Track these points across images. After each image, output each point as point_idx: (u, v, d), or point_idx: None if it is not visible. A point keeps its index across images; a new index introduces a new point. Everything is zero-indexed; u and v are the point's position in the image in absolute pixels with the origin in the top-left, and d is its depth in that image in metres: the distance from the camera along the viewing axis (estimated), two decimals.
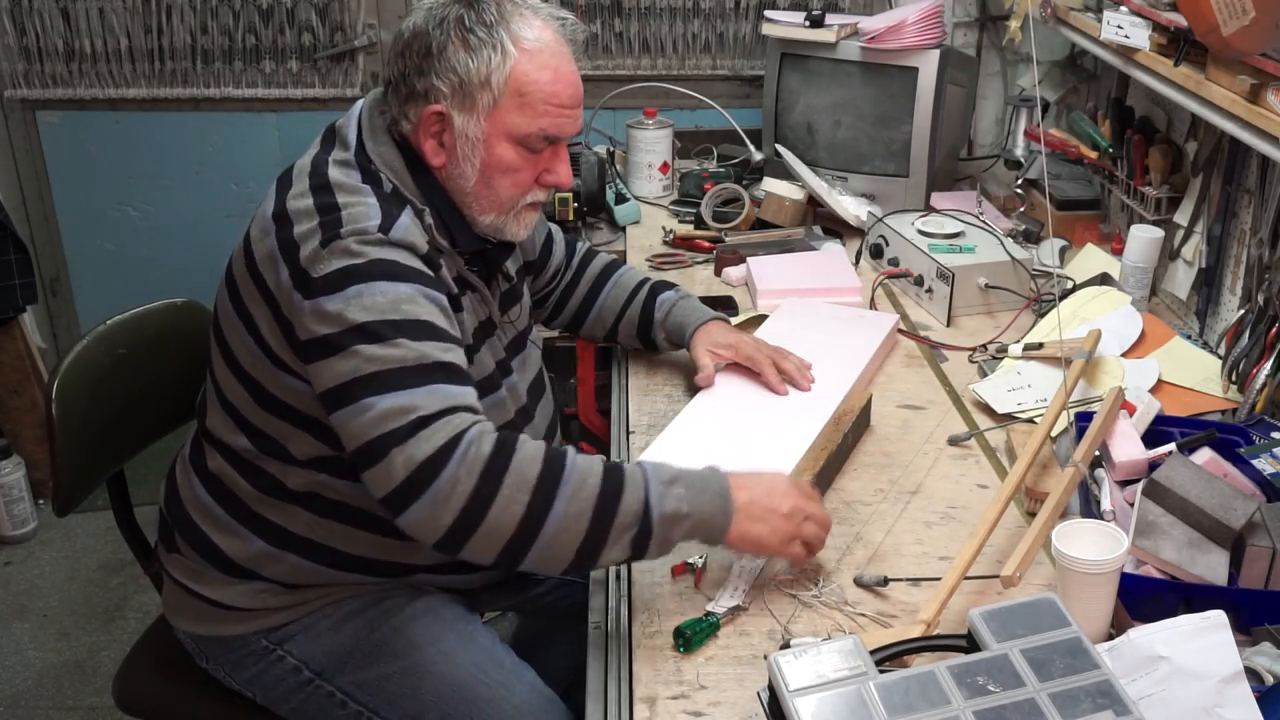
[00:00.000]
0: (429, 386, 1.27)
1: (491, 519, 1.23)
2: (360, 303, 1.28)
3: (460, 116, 1.39)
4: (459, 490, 1.22)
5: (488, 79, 1.37)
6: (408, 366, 1.27)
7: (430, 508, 1.22)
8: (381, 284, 1.30)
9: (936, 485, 1.59)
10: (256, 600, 1.50)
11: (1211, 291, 1.98)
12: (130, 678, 1.70)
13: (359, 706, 1.50)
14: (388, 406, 1.24)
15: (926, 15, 2.39)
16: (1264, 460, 1.44)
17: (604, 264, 1.88)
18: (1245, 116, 1.56)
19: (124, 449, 1.79)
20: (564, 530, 1.24)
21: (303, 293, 1.31)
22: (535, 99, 1.39)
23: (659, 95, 2.81)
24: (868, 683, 1.03)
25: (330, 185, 1.37)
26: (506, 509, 1.23)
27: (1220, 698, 1.07)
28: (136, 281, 3.30)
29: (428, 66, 1.38)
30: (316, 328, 1.30)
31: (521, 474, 1.24)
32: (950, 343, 1.99)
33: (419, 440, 1.23)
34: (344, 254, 1.31)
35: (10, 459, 2.94)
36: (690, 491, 1.29)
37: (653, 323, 1.82)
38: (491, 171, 1.42)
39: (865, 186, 2.51)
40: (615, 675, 1.26)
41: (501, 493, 1.23)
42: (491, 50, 1.37)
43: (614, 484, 1.26)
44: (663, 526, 1.27)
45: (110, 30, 3.09)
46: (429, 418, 1.24)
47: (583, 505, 1.25)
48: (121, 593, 2.80)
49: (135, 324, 1.80)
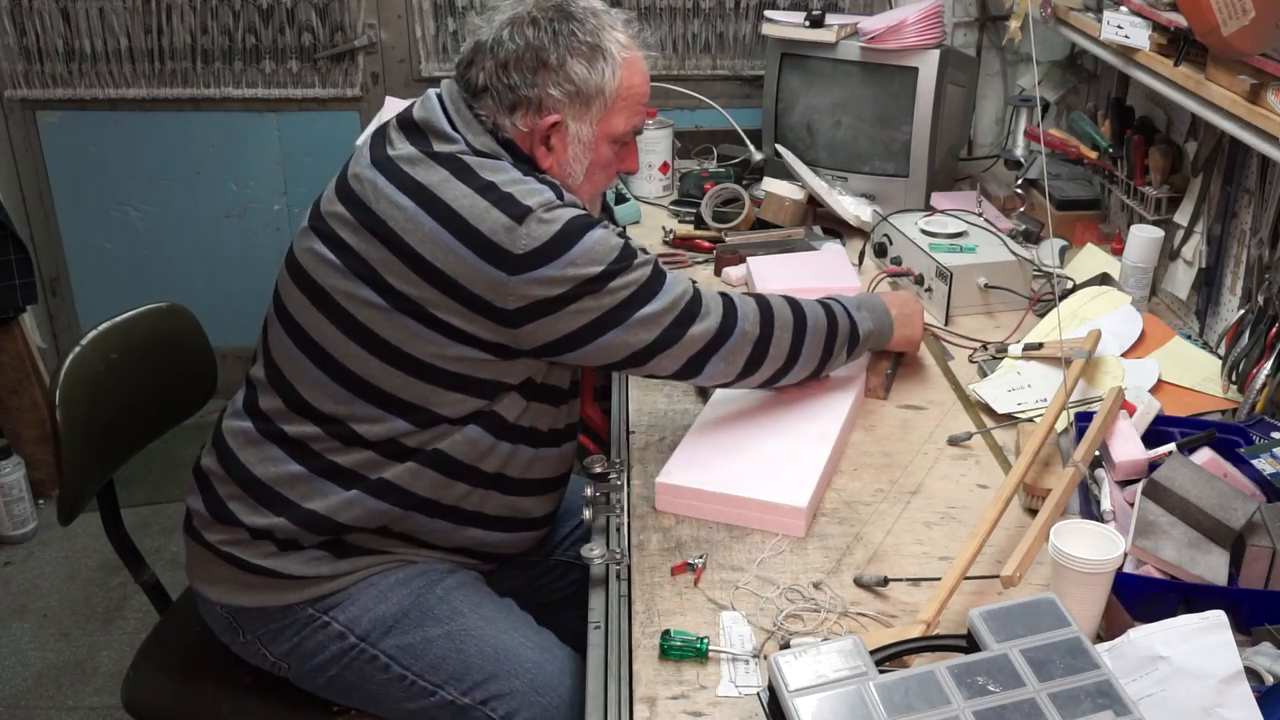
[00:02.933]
0: (669, 279, 1.50)
1: (770, 358, 1.58)
2: (587, 257, 1.42)
3: (574, 123, 1.51)
4: (745, 341, 1.55)
5: (601, 88, 1.50)
6: (650, 276, 1.48)
7: (725, 360, 1.54)
8: (588, 236, 1.44)
9: (936, 485, 1.59)
10: (309, 568, 1.53)
11: (1211, 291, 1.98)
12: (140, 680, 1.70)
13: (403, 670, 1.53)
14: (660, 306, 1.47)
15: (926, 15, 2.39)
16: (1264, 460, 1.44)
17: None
18: (1245, 116, 1.56)
19: (121, 454, 1.79)
20: (811, 356, 1.63)
21: (506, 269, 1.40)
22: (632, 100, 1.54)
23: (659, 95, 2.80)
24: (868, 683, 1.03)
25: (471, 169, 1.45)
26: (779, 348, 1.58)
27: (1220, 698, 1.07)
28: (136, 281, 3.30)
29: (544, 78, 1.48)
30: (542, 292, 1.41)
31: (783, 318, 1.59)
32: (949, 338, 1.99)
33: (701, 316, 1.51)
34: (542, 224, 1.41)
35: (10, 459, 2.94)
36: (870, 314, 1.72)
37: None
38: (595, 169, 1.56)
39: (865, 186, 2.51)
40: (615, 675, 1.26)
41: (775, 337, 1.57)
42: (604, 62, 1.50)
43: (833, 317, 1.65)
44: (863, 343, 1.70)
45: (110, 30, 3.09)
46: (692, 297, 1.51)
47: (819, 335, 1.63)
48: (121, 593, 2.80)
49: (125, 328, 1.79)
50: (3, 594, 2.81)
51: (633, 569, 1.41)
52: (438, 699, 1.53)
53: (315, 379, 1.51)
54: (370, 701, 1.59)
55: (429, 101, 1.53)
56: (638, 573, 1.40)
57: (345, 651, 1.54)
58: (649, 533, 1.48)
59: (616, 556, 1.42)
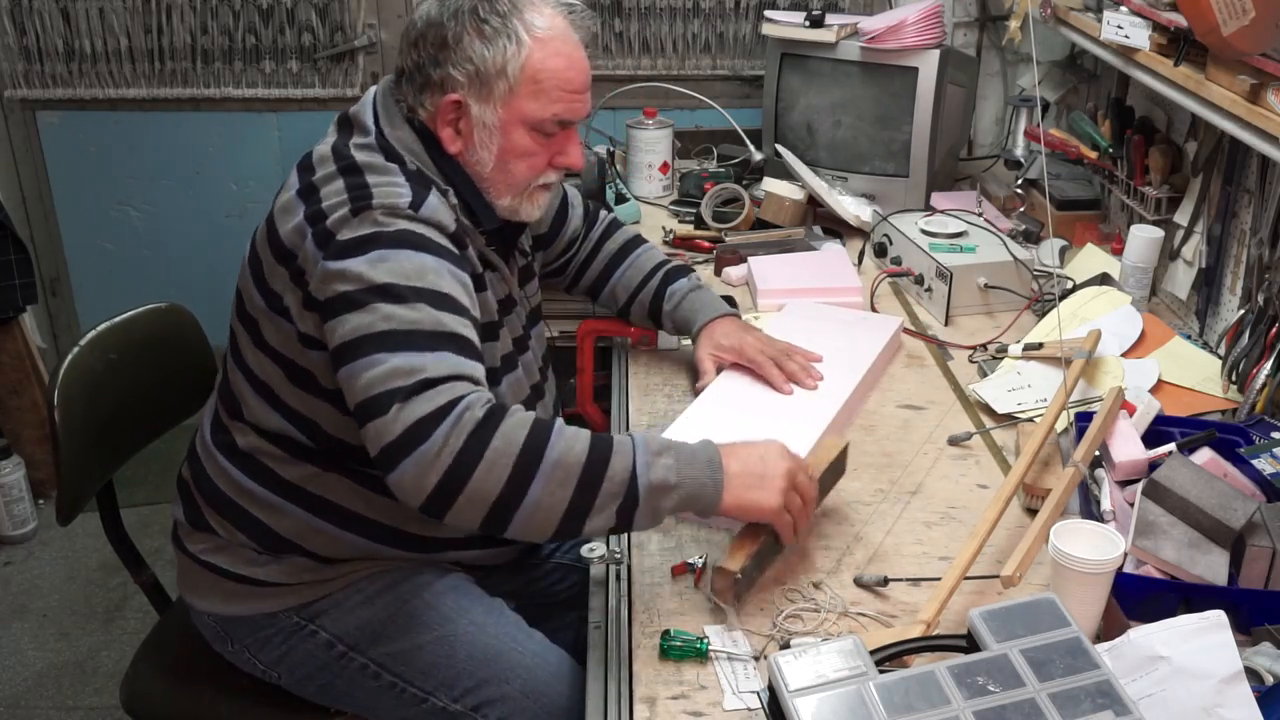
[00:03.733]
0: (439, 353, 1.29)
1: (476, 481, 1.23)
2: (385, 265, 1.32)
3: (477, 105, 1.43)
4: (446, 451, 1.22)
5: (503, 68, 1.41)
6: (423, 330, 1.30)
7: (418, 466, 1.23)
8: (407, 252, 1.34)
9: (936, 485, 1.59)
10: (291, 575, 1.52)
11: (1211, 291, 1.98)
12: (138, 682, 1.70)
13: (392, 677, 1.52)
14: (397, 364, 1.27)
15: (926, 15, 2.39)
16: (1264, 460, 1.44)
17: (624, 240, 1.89)
18: (1245, 116, 1.56)
19: (120, 454, 1.79)
20: (548, 496, 1.24)
21: (324, 252, 1.34)
22: (549, 86, 1.43)
23: (659, 95, 2.81)
24: (868, 683, 1.02)
25: (358, 166, 1.41)
26: (490, 473, 1.23)
27: (1220, 698, 1.07)
28: (136, 281, 3.30)
29: (444, 57, 1.42)
30: (338, 286, 1.33)
31: (508, 439, 1.24)
32: (949, 342, 1.99)
33: (420, 400, 1.24)
34: (372, 222, 1.35)
35: (10, 459, 2.94)
36: (679, 462, 1.29)
37: (661, 312, 1.84)
38: (508, 156, 1.46)
39: (865, 186, 2.51)
40: (615, 675, 1.26)
41: (486, 457, 1.23)
42: (507, 40, 1.40)
43: (601, 453, 1.26)
44: (650, 496, 1.27)
45: (110, 30, 3.08)
46: (434, 380, 1.26)
47: (568, 472, 1.24)
48: (121, 593, 2.80)
49: (124, 328, 1.79)
50: (3, 594, 2.81)
51: (633, 569, 1.41)
52: (429, 706, 1.52)
53: (243, 389, 1.52)
54: (363, 708, 1.58)
55: (366, 94, 1.51)
56: (638, 573, 1.40)
57: (334, 660, 1.53)
58: (649, 533, 1.48)
59: (616, 556, 1.42)
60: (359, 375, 1.28)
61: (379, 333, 1.29)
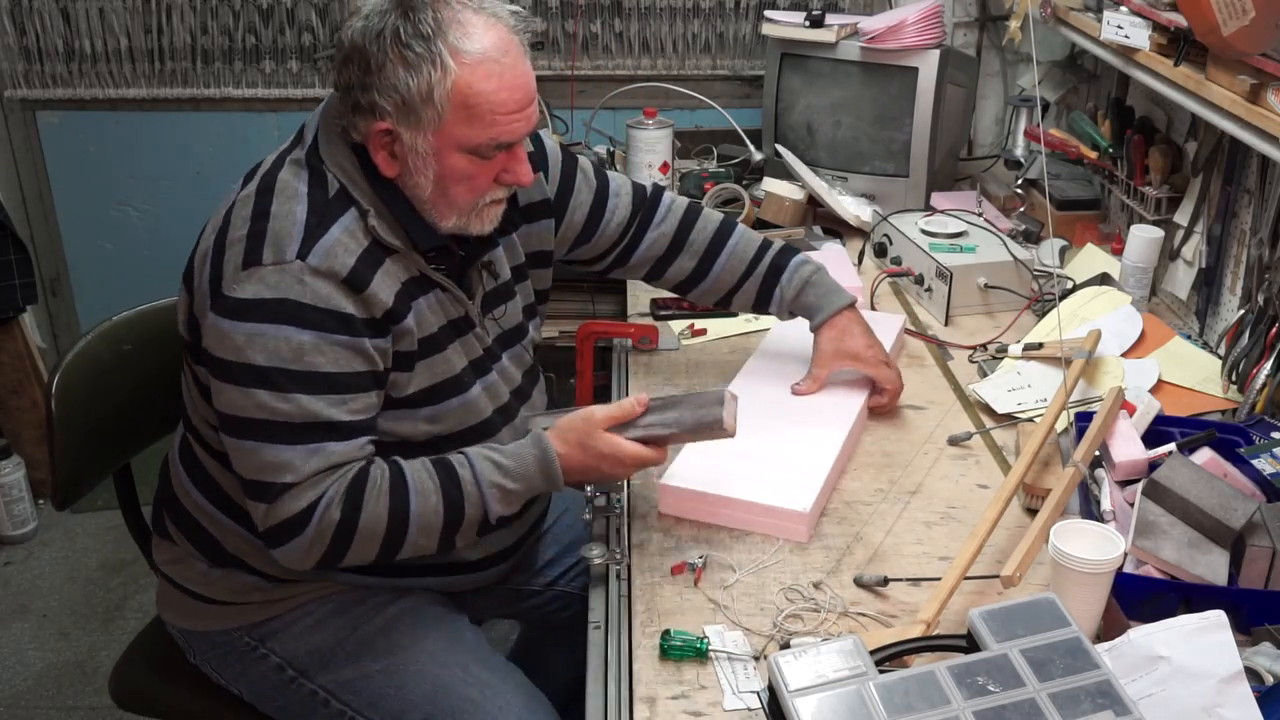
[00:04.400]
0: (309, 446, 1.33)
1: (351, 558, 1.38)
2: (263, 343, 1.31)
3: (408, 133, 1.35)
4: (316, 545, 1.35)
5: (430, 95, 1.32)
6: (294, 424, 1.32)
7: (293, 555, 1.36)
8: (288, 329, 1.31)
9: (936, 485, 1.59)
10: (239, 594, 1.51)
11: (1211, 291, 1.97)
12: (126, 673, 1.71)
13: (342, 705, 1.50)
14: (266, 459, 1.33)
15: (926, 15, 2.39)
16: (1264, 460, 1.44)
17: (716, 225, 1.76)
18: (1245, 116, 1.56)
19: (127, 445, 1.79)
20: (418, 548, 1.40)
21: (212, 303, 1.34)
22: (482, 110, 1.33)
23: (659, 95, 2.81)
24: (868, 683, 1.02)
25: (274, 186, 1.38)
26: (362, 550, 1.37)
27: (1220, 698, 1.07)
28: (136, 281, 3.29)
29: (369, 83, 1.33)
30: (218, 348, 1.33)
31: (370, 528, 1.36)
32: (949, 342, 1.99)
33: (282, 502, 1.33)
34: (259, 282, 1.31)
35: (10, 459, 2.94)
36: (519, 483, 1.41)
37: (773, 300, 1.75)
38: (446, 181, 1.38)
39: (865, 186, 2.51)
40: (615, 675, 1.26)
41: (354, 544, 1.36)
42: (431, 66, 1.31)
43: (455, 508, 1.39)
44: (502, 510, 1.41)
45: (110, 30, 3.08)
46: (297, 482, 1.33)
47: (430, 536, 1.39)
48: (121, 593, 2.80)
49: (140, 321, 1.80)
50: (3, 594, 2.81)
51: (633, 569, 1.41)
52: None
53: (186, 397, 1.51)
54: None
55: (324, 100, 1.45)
56: (638, 573, 1.40)
57: (286, 684, 1.52)
58: (649, 533, 1.48)
59: (616, 556, 1.42)
60: (236, 453, 1.35)
61: (251, 419, 1.32)
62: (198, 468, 1.51)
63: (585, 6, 3.09)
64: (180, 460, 1.54)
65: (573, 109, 2.98)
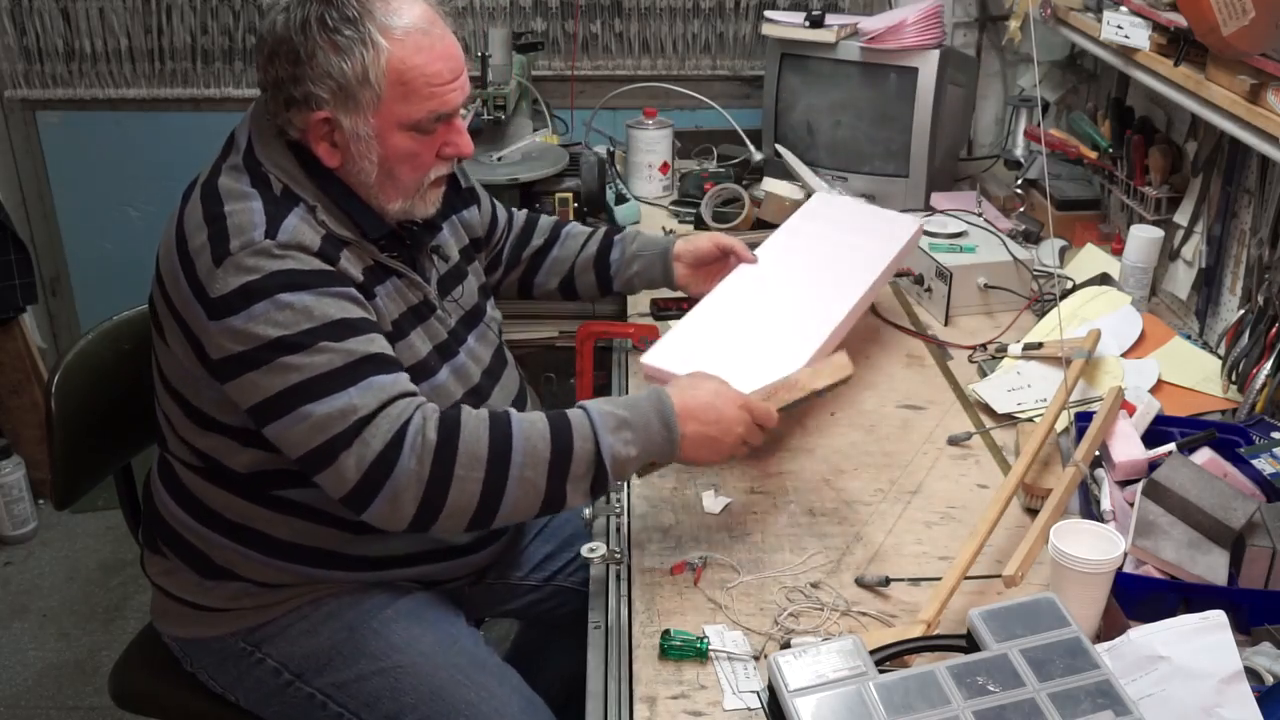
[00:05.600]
0: (363, 383, 1.28)
1: (451, 501, 1.27)
2: (269, 318, 1.27)
3: (347, 118, 1.34)
4: (414, 481, 1.26)
5: (365, 76, 1.32)
6: (336, 368, 1.27)
7: (390, 502, 1.26)
8: (285, 296, 1.28)
9: (936, 485, 1.59)
10: (233, 601, 1.50)
11: (1211, 291, 1.98)
12: (125, 675, 1.71)
13: (339, 708, 1.50)
14: (326, 412, 1.26)
15: (926, 15, 2.39)
16: (1264, 460, 1.44)
17: (552, 222, 1.88)
18: (1245, 116, 1.56)
19: (127, 445, 1.79)
20: (523, 495, 1.30)
21: (206, 312, 1.30)
22: (418, 84, 1.34)
23: (659, 95, 2.81)
24: (867, 683, 1.03)
25: (218, 192, 1.36)
26: (464, 490, 1.27)
27: (1220, 698, 1.07)
28: (136, 281, 3.26)
29: (301, 74, 1.33)
30: (230, 345, 1.29)
31: (472, 453, 1.27)
32: (949, 342, 1.99)
33: (364, 440, 1.25)
34: (238, 270, 1.29)
35: (10, 459, 2.94)
36: (637, 435, 1.33)
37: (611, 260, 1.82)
38: (391, 163, 1.38)
39: (865, 186, 2.51)
40: (615, 675, 1.26)
41: (456, 474, 1.27)
42: (362, 47, 1.31)
43: (563, 442, 1.30)
44: (616, 469, 1.33)
45: (110, 30, 3.09)
46: (369, 416, 1.26)
47: (537, 470, 1.29)
48: (121, 593, 2.80)
49: (140, 321, 1.79)
50: (3, 594, 2.81)
51: (633, 569, 1.41)
52: None
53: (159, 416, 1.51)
54: None
55: (251, 106, 1.44)
56: (638, 573, 1.40)
57: (282, 687, 1.51)
58: (649, 532, 1.48)
59: (616, 556, 1.42)
60: (290, 432, 1.28)
61: (292, 386, 1.27)
62: (179, 488, 1.50)
63: (585, 6, 3.09)
64: (161, 482, 1.54)
65: (573, 109, 2.99)
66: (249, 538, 1.46)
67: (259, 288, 1.28)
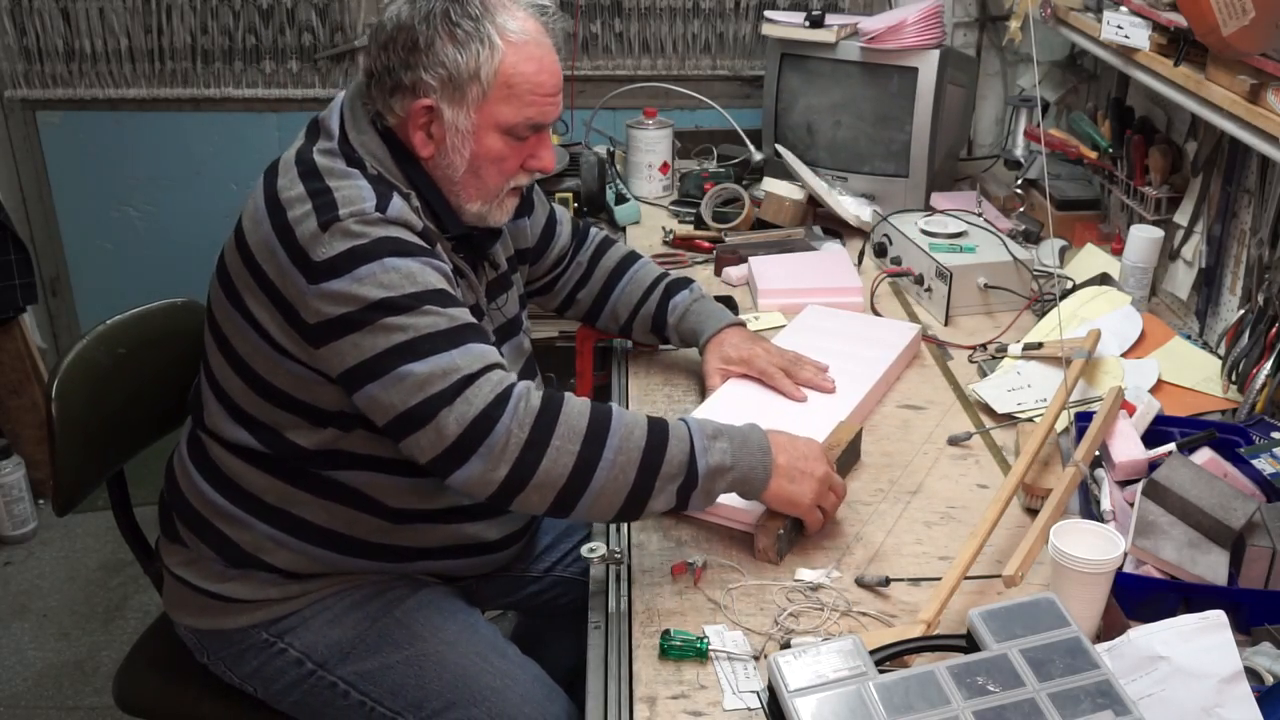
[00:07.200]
0: (464, 347, 1.31)
1: (544, 470, 1.29)
2: (375, 280, 1.30)
3: (450, 109, 1.40)
4: (512, 443, 1.28)
5: (476, 72, 1.38)
6: (440, 330, 1.31)
7: (485, 462, 1.28)
8: (391, 260, 1.32)
9: (936, 485, 1.59)
10: (258, 592, 1.51)
11: (1211, 291, 1.98)
12: (130, 676, 1.71)
13: (361, 696, 1.51)
14: (428, 371, 1.28)
15: (926, 15, 2.39)
16: (1264, 460, 1.44)
17: (620, 257, 1.85)
18: (1245, 116, 1.56)
19: (124, 448, 1.79)
20: (613, 480, 1.30)
21: (306, 276, 1.32)
22: (522, 90, 1.40)
23: (659, 95, 2.82)
24: (867, 683, 1.02)
25: (319, 171, 1.39)
26: (558, 460, 1.29)
27: (1220, 698, 1.07)
28: (136, 281, 3.30)
29: (415, 61, 1.38)
30: (329, 309, 1.31)
31: (571, 426, 1.30)
32: (949, 342, 1.99)
33: (467, 399, 1.28)
34: (346, 235, 1.32)
35: (10, 459, 2.94)
36: (734, 446, 1.36)
37: (665, 325, 1.80)
38: (480, 161, 1.43)
39: (865, 186, 2.51)
40: (615, 675, 1.26)
41: (553, 444, 1.29)
42: (479, 44, 1.37)
43: (659, 436, 1.32)
44: (707, 479, 1.34)
45: (110, 30, 3.09)
46: (472, 376, 1.29)
47: (630, 456, 1.31)
48: (121, 593, 2.80)
49: (136, 323, 1.80)
50: (3, 594, 2.81)
51: (633, 569, 1.41)
52: None
53: (206, 395, 1.51)
54: None
55: (336, 98, 1.49)
56: (638, 573, 1.40)
57: (304, 678, 1.52)
58: (649, 532, 1.48)
59: (616, 556, 1.42)
60: (388, 392, 1.29)
61: (395, 345, 1.29)
62: (213, 469, 1.51)
63: (585, 6, 3.09)
64: (191, 462, 1.54)
65: (573, 109, 2.98)
66: (286, 522, 1.48)
67: (365, 251, 1.31)
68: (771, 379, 1.71)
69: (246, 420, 1.46)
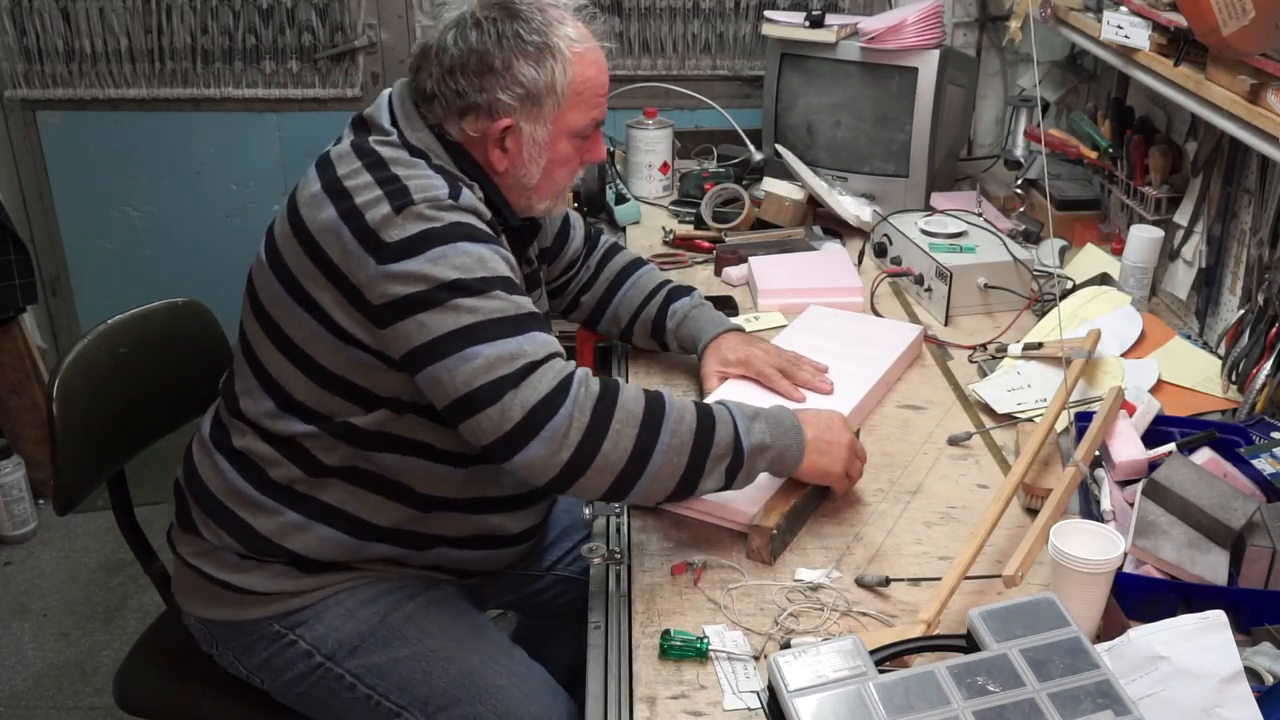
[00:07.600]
0: (530, 333, 1.35)
1: (604, 454, 1.32)
2: (448, 261, 1.33)
3: (528, 125, 1.45)
4: (574, 427, 1.31)
5: (553, 86, 1.43)
6: (508, 316, 1.34)
7: (548, 445, 1.31)
8: (464, 244, 1.35)
9: (936, 485, 1.59)
10: (272, 584, 1.51)
11: (1211, 291, 1.98)
12: (131, 676, 1.71)
13: (368, 690, 1.52)
14: (496, 354, 1.31)
15: (926, 15, 2.39)
16: (1264, 460, 1.44)
17: (625, 262, 1.88)
18: (1245, 116, 1.56)
19: (125, 448, 1.79)
20: (668, 463, 1.35)
21: (376, 257, 1.34)
22: (588, 94, 1.47)
23: (659, 95, 2.82)
24: (867, 683, 1.03)
25: (384, 160, 1.41)
26: (617, 444, 1.33)
27: (1220, 698, 1.07)
28: (136, 281, 3.30)
29: (490, 83, 1.42)
30: (398, 289, 1.33)
31: (629, 411, 1.34)
32: (949, 342, 1.99)
33: (532, 383, 1.31)
34: (420, 218, 1.35)
35: (10, 459, 2.94)
36: (769, 426, 1.41)
37: (665, 331, 1.82)
38: (553, 166, 1.50)
39: (865, 186, 2.51)
40: (615, 675, 1.26)
41: (612, 428, 1.33)
42: (553, 59, 1.43)
43: (708, 419, 1.38)
44: (751, 458, 1.39)
45: (110, 30, 3.09)
46: (537, 362, 1.33)
47: (683, 439, 1.35)
48: (121, 593, 2.80)
49: (137, 323, 1.80)
50: (3, 594, 2.81)
51: (633, 569, 1.41)
52: None
53: (248, 385, 1.52)
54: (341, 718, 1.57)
55: (379, 98, 1.51)
56: (638, 573, 1.40)
57: (313, 669, 1.53)
58: (649, 533, 1.48)
59: (616, 556, 1.42)
60: (453, 372, 1.32)
61: (464, 327, 1.32)
62: (240, 456, 1.51)
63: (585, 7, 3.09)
64: (218, 450, 1.55)
65: None
66: (313, 508, 1.49)
67: (439, 234, 1.35)
68: (769, 380, 1.71)
69: (298, 408, 1.47)
